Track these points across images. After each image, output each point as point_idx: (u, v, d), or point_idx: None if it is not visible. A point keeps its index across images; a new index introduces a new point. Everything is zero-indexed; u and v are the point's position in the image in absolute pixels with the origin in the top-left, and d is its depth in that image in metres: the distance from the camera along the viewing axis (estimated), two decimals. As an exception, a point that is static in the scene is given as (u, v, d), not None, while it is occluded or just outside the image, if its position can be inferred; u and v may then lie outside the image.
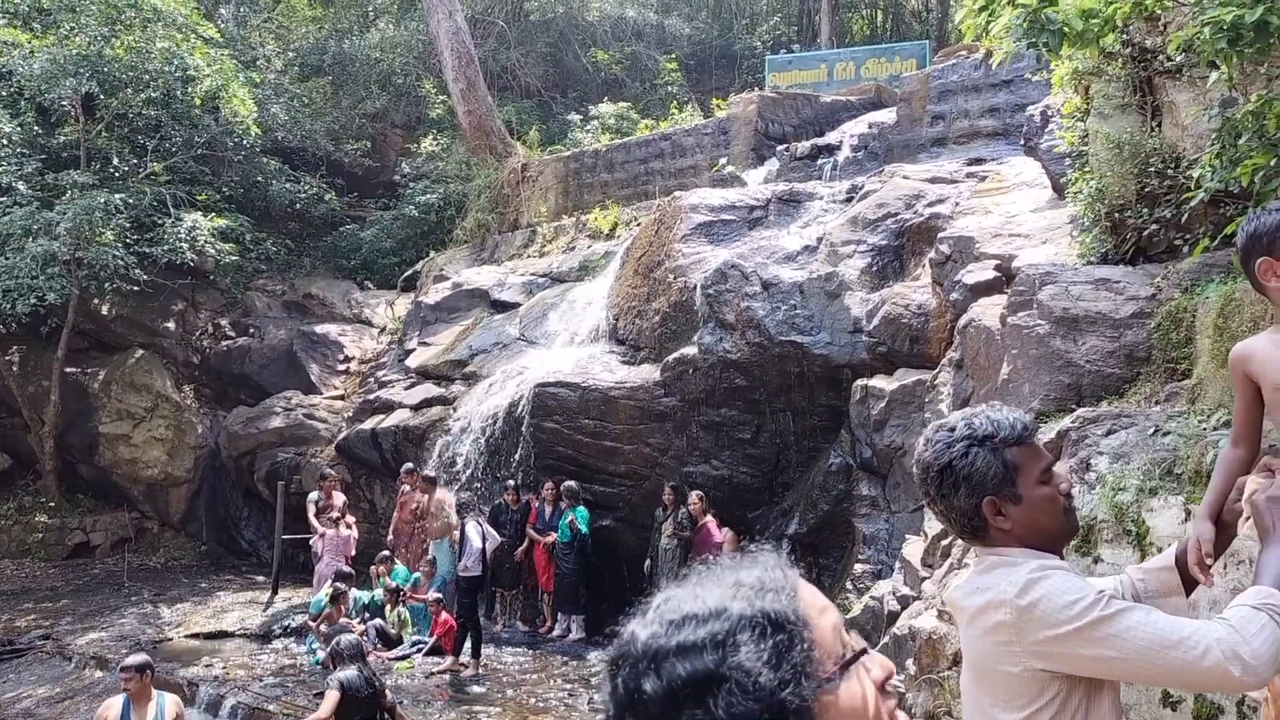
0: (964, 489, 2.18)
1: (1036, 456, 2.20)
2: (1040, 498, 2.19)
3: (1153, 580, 2.47)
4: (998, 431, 2.17)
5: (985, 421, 2.19)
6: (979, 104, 14.16)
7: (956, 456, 2.18)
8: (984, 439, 2.17)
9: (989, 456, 2.16)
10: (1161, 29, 6.94)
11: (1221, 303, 5.67)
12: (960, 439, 2.19)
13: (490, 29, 25.13)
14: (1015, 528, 2.19)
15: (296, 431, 16.90)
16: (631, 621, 1.17)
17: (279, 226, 21.21)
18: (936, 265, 10.32)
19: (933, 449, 2.23)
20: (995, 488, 2.16)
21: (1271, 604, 2.06)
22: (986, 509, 2.18)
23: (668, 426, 12.35)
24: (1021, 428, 2.19)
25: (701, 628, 1.09)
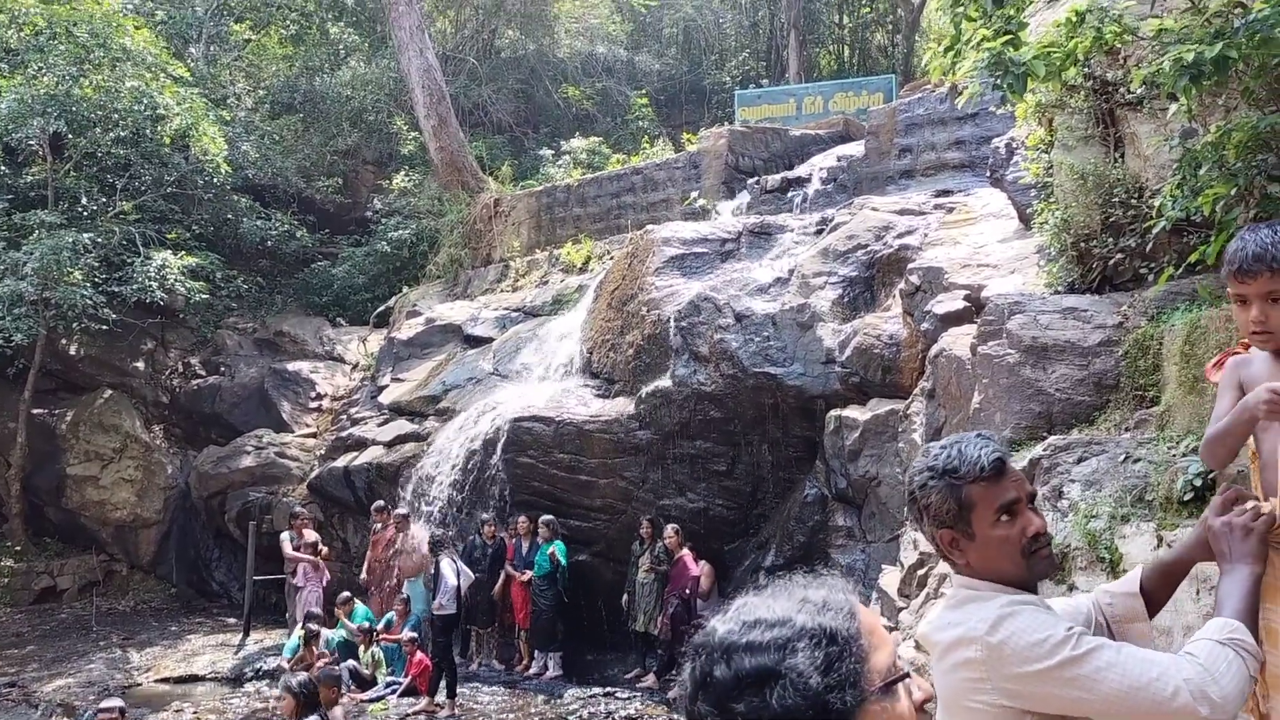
0: (925, 519, 2.21)
1: (995, 496, 2.16)
2: (994, 538, 2.16)
3: (1120, 605, 2.48)
4: (959, 467, 2.16)
5: (953, 455, 2.19)
6: (945, 137, 14.36)
7: (917, 487, 2.21)
8: (944, 472, 2.17)
9: (945, 491, 2.15)
10: (1122, 62, 7.09)
11: (1187, 330, 5.76)
12: (925, 469, 2.20)
13: (461, 66, 25.26)
14: (971, 563, 2.19)
15: (268, 470, 16.72)
16: (714, 618, 1.37)
17: (250, 264, 21.11)
18: (907, 296, 10.41)
19: (909, 474, 2.27)
20: (950, 522, 2.17)
21: (1236, 639, 2.08)
22: (943, 541, 2.19)
23: (643, 460, 12.33)
24: (981, 468, 2.15)
25: (769, 631, 1.29)
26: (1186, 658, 2.06)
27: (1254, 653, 2.10)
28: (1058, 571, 5.47)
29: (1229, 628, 2.10)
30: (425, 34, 21.30)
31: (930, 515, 2.18)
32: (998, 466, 2.17)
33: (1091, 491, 5.66)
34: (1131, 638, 2.46)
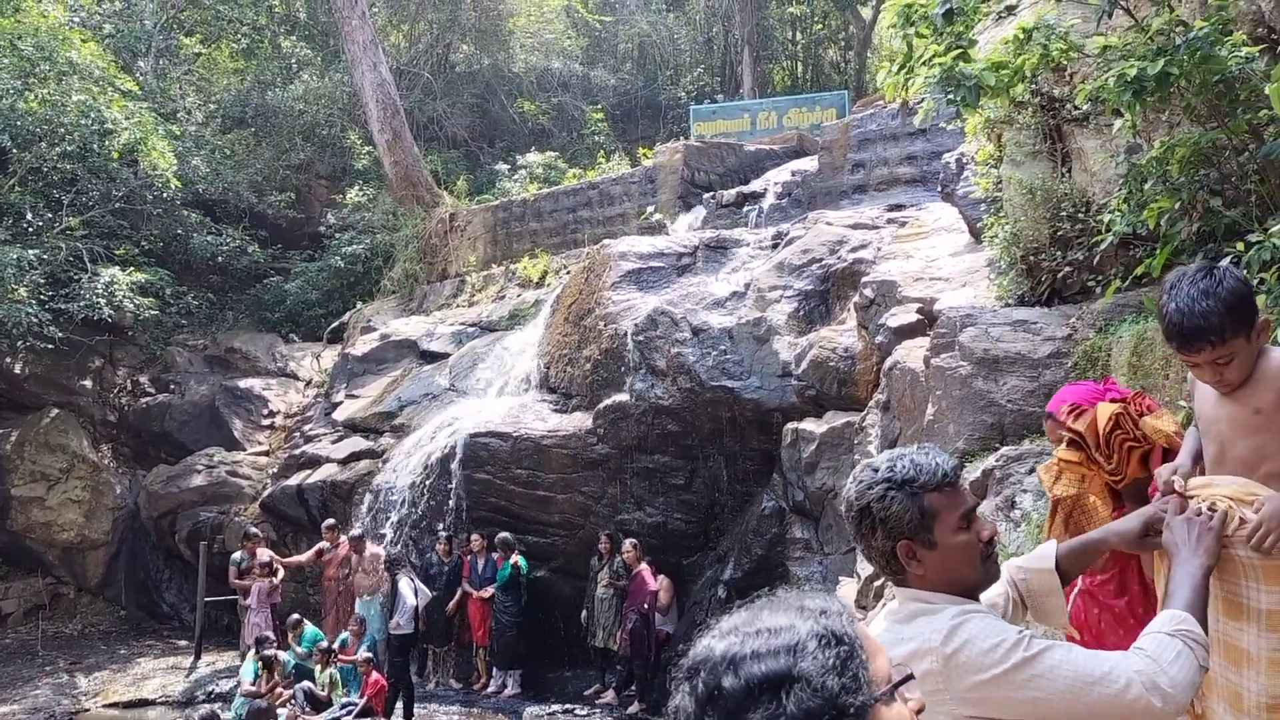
0: (880, 531, 2.18)
1: (957, 503, 2.19)
2: (957, 545, 2.18)
3: (1034, 579, 2.52)
4: (918, 476, 2.16)
5: (908, 465, 2.19)
6: (897, 152, 14.55)
7: (874, 499, 2.17)
8: (903, 483, 2.16)
9: (906, 501, 2.15)
10: (1068, 79, 7.23)
11: (1134, 341, 5.87)
12: (880, 481, 2.18)
13: (416, 80, 25.16)
14: (930, 573, 2.19)
15: (219, 489, 16.46)
16: (703, 638, 1.36)
17: (200, 280, 20.81)
18: (861, 309, 10.52)
19: (855, 489, 2.22)
20: (911, 532, 2.16)
21: (1184, 630, 2.11)
22: (902, 552, 2.17)
23: (601, 474, 12.30)
24: (942, 474, 2.17)
25: (775, 638, 1.28)
26: (1136, 652, 2.08)
27: (1203, 643, 2.12)
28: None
29: (1177, 619, 2.13)
30: (379, 48, 21.20)
31: (887, 527, 2.17)
32: (957, 474, 2.20)
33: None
34: (1046, 610, 2.53)
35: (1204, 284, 2.54)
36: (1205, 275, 2.56)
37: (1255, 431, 2.60)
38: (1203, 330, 2.52)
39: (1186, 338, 2.57)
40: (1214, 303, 2.51)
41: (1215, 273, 2.56)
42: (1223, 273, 2.56)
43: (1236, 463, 2.63)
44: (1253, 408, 2.60)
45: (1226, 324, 2.50)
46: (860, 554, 2.40)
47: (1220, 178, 5.68)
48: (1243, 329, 2.53)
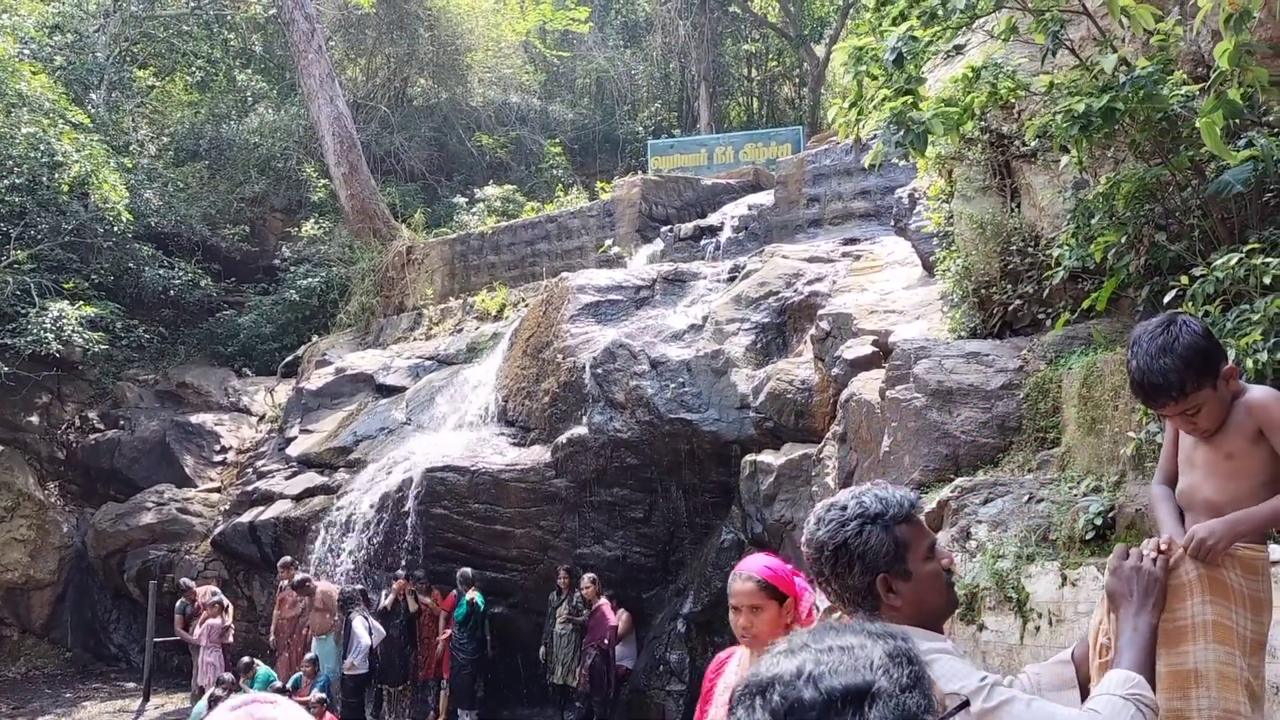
0: (858, 567, 2.18)
1: (922, 533, 2.23)
2: (927, 573, 2.21)
3: (1047, 674, 2.51)
4: (887, 509, 2.19)
5: (874, 500, 2.21)
6: (851, 187, 14.75)
7: (851, 535, 2.18)
8: (875, 517, 2.18)
9: (881, 534, 2.16)
10: (1016, 116, 7.38)
11: (1084, 373, 5.96)
12: (853, 517, 2.19)
13: (373, 114, 25.12)
14: (905, 605, 2.20)
15: (169, 527, 16.13)
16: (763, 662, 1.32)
17: (152, 314, 20.51)
18: (817, 341, 10.59)
19: (826, 528, 2.22)
20: (887, 565, 2.17)
21: (1137, 694, 2.11)
22: (880, 586, 2.18)
23: (559, 508, 12.22)
24: (909, 505, 2.21)
25: (850, 655, 1.28)
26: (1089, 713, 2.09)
27: (1153, 706, 2.13)
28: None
29: (1130, 682, 2.14)
30: (335, 82, 21.15)
31: (865, 562, 2.17)
32: (917, 506, 2.23)
33: (998, 532, 5.79)
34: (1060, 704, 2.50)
35: (1162, 340, 2.57)
36: (1163, 330, 2.59)
37: (1226, 476, 2.63)
38: (1163, 387, 2.56)
39: (1149, 395, 2.61)
40: (1172, 359, 2.54)
41: (1172, 328, 2.58)
42: (1179, 327, 2.58)
43: (1204, 503, 2.66)
44: (1225, 452, 2.63)
45: (1187, 378, 2.54)
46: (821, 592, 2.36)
47: (1165, 213, 5.82)
48: (1205, 380, 2.56)
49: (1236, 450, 2.61)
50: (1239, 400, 2.64)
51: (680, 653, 11.34)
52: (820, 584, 2.31)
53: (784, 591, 3.30)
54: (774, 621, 3.22)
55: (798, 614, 3.25)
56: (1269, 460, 2.60)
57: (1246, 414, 2.61)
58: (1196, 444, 2.71)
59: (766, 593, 3.25)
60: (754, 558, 3.49)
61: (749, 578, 3.29)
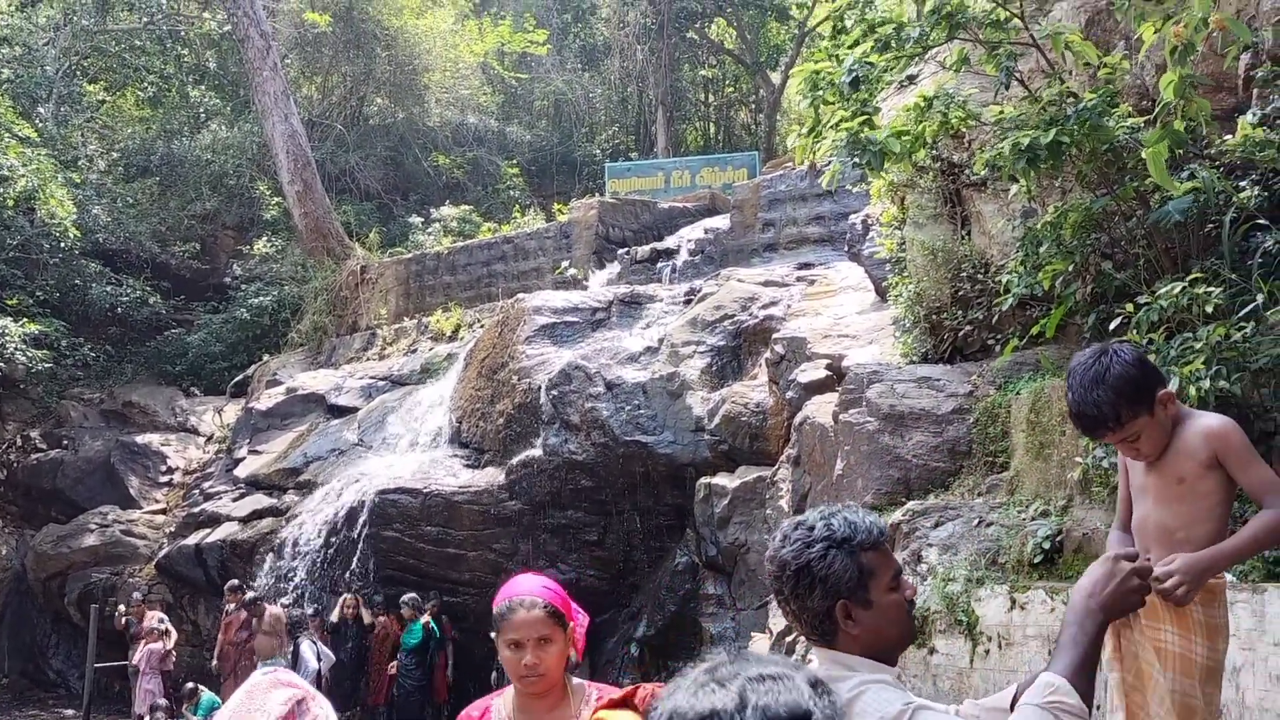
0: (819, 590, 2.14)
1: (888, 563, 2.19)
2: (889, 604, 2.17)
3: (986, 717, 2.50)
4: (855, 534, 2.14)
5: (843, 523, 2.16)
6: (806, 212, 14.90)
7: (815, 557, 2.13)
8: (842, 541, 2.14)
9: (846, 560, 2.12)
10: (967, 145, 7.51)
11: (1032, 399, 6.05)
12: (819, 539, 2.14)
13: (328, 132, 24.95)
14: (863, 633, 2.17)
15: (113, 550, 15.77)
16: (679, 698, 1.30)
17: (98, 331, 20.13)
18: (772, 365, 10.66)
19: (791, 548, 2.17)
20: (849, 591, 2.13)
21: (1056, 701, 2.02)
22: (839, 612, 2.14)
23: (513, 531, 12.13)
24: (878, 532, 2.17)
25: (782, 685, 1.28)
26: None
27: (1077, 713, 2.02)
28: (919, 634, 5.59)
29: (1050, 688, 2.04)
30: (290, 99, 20.99)
31: (827, 586, 2.13)
32: (886, 534, 2.21)
33: (948, 555, 5.84)
34: None
35: (1094, 371, 2.62)
36: (1095, 361, 2.63)
37: (1177, 500, 2.67)
38: (1098, 418, 2.61)
39: (1087, 426, 2.67)
40: (1104, 390, 2.59)
41: (1104, 358, 2.63)
42: (1110, 357, 2.62)
43: (1156, 528, 2.70)
44: (1176, 476, 2.67)
45: (1121, 408, 2.59)
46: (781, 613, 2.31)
47: (1110, 241, 5.94)
48: (1140, 408, 2.61)
49: (1188, 474, 2.65)
50: (1191, 426, 2.68)
51: (633, 677, 11.28)
52: (779, 603, 2.27)
53: (568, 617, 2.77)
54: (561, 655, 2.71)
55: (577, 643, 2.77)
56: (1219, 485, 2.65)
57: (1202, 441, 2.65)
58: (1147, 472, 2.75)
59: (555, 620, 2.69)
60: (526, 578, 2.80)
61: (534, 604, 2.68)
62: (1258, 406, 4.54)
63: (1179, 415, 2.70)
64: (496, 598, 2.75)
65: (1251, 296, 4.86)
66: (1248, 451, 2.65)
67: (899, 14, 6.49)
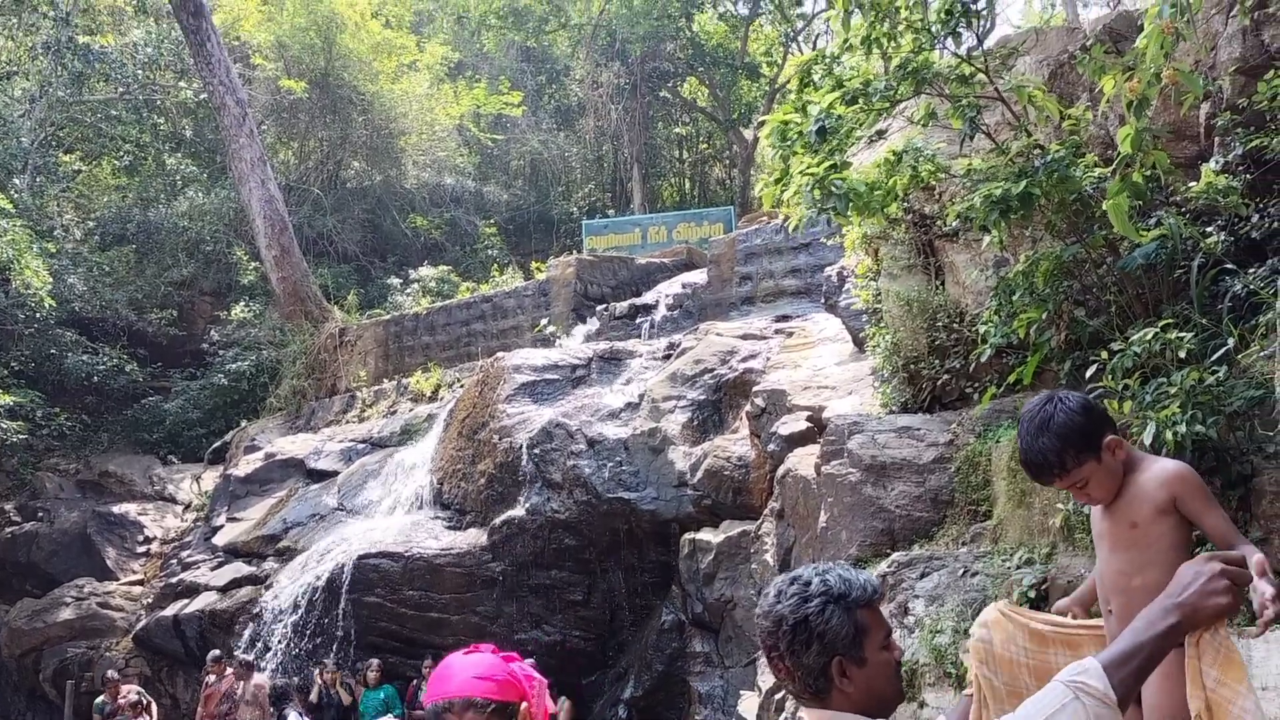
0: (816, 646, 2.13)
1: (881, 622, 2.20)
2: (882, 662, 2.17)
3: None
4: (851, 591, 2.15)
5: (839, 580, 2.17)
6: (782, 265, 15.03)
7: (813, 612, 2.13)
8: (839, 597, 2.14)
9: (843, 615, 2.13)
10: (938, 197, 7.61)
11: (1012, 446, 6.06)
12: (817, 594, 2.15)
13: (305, 196, 25.06)
14: (857, 692, 2.16)
15: (89, 623, 15.47)
16: None
17: (74, 401, 19.96)
18: (753, 418, 10.66)
19: (788, 603, 2.16)
20: (845, 648, 2.13)
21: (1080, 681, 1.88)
22: (834, 669, 2.13)
23: (496, 593, 11.99)
24: (872, 590, 2.17)
25: None
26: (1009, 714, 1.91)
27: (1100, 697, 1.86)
28: (908, 689, 5.54)
29: (1079, 669, 1.91)
30: (267, 165, 21.09)
31: (824, 642, 2.12)
32: (880, 592, 2.20)
33: (935, 607, 5.80)
34: None
35: (1039, 418, 2.67)
36: (1040, 409, 2.68)
37: (1131, 545, 2.68)
38: (1043, 465, 2.67)
39: (1035, 473, 2.74)
40: (1048, 438, 2.64)
41: (1049, 406, 2.67)
42: (1054, 405, 2.66)
43: (1113, 575, 2.70)
44: (1129, 521, 2.68)
45: (1066, 455, 2.64)
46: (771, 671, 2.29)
47: (1083, 289, 6.01)
48: (1086, 455, 2.64)
49: (1141, 519, 2.66)
50: (1147, 471, 2.70)
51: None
52: (772, 660, 2.25)
53: (518, 696, 2.27)
54: None
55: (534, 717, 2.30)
56: (1172, 530, 2.66)
57: (1158, 485, 2.67)
58: (1103, 518, 2.77)
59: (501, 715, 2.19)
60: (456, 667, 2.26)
61: (469, 704, 2.14)
62: (1233, 450, 4.57)
63: (1131, 460, 2.73)
64: (427, 690, 2.29)
65: (1223, 340, 4.91)
66: (1206, 496, 2.67)
67: (866, 70, 6.60)
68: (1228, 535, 2.61)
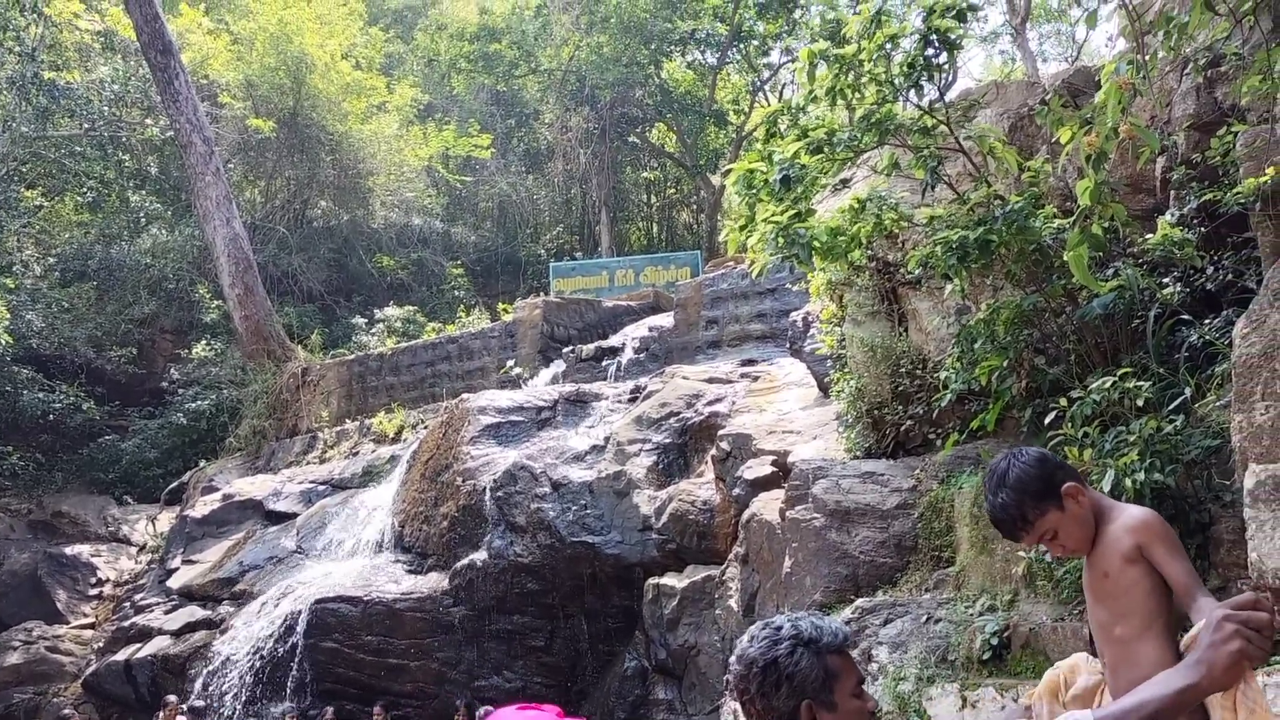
0: (785, 689, 2.15)
1: (852, 669, 2.21)
2: (853, 709, 2.18)
3: None
4: (821, 636, 2.18)
5: (810, 625, 2.20)
6: (748, 310, 15.11)
7: (782, 654, 2.16)
8: (809, 641, 2.17)
9: (813, 659, 2.15)
10: (900, 245, 7.71)
11: (975, 492, 6.09)
12: (787, 638, 2.18)
13: (271, 234, 24.93)
14: None
15: (37, 668, 15.06)
16: None
17: (28, 439, 19.57)
18: (718, 462, 10.64)
19: (758, 645, 2.20)
20: (814, 692, 2.14)
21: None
22: (804, 713, 2.15)
23: (457, 638, 11.81)
24: (843, 637, 2.20)
25: None
26: None
27: None
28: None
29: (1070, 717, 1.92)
30: (232, 203, 20.99)
31: (793, 684, 2.13)
32: (850, 640, 2.21)
33: (898, 654, 5.78)
34: None
35: (996, 476, 2.73)
36: (997, 467, 2.74)
37: (1107, 596, 2.68)
38: (1008, 522, 2.71)
39: (1004, 532, 2.76)
40: (1006, 493, 2.68)
41: (1004, 463, 2.73)
42: (1009, 461, 2.72)
43: (1098, 627, 2.70)
44: (1102, 571, 2.69)
45: (1026, 508, 2.67)
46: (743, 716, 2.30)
47: (1043, 337, 6.09)
48: (1046, 504, 2.68)
49: (1112, 569, 2.67)
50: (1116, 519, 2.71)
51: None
52: (743, 704, 2.26)
53: None
54: None
55: None
56: (1143, 577, 2.66)
57: (1124, 532, 2.68)
58: (1086, 572, 2.78)
59: None
60: None
61: None
62: (1191, 498, 4.62)
63: (1103, 509, 2.74)
64: None
65: (1180, 390, 4.98)
66: (1171, 544, 2.68)
67: (831, 120, 6.70)
68: (1189, 587, 2.61)
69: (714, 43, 28.86)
